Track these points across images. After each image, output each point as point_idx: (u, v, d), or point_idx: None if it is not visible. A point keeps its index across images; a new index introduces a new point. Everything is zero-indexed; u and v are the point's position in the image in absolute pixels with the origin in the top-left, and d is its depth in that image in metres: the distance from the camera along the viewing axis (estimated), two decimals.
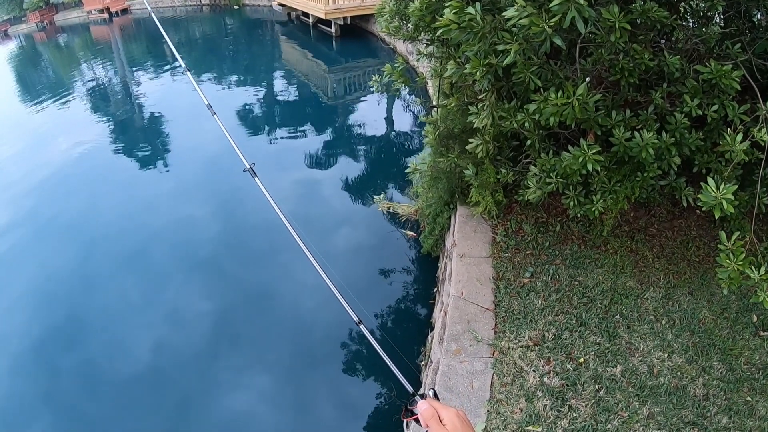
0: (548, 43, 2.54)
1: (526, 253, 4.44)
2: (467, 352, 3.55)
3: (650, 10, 3.04)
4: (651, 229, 4.72)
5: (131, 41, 20.33)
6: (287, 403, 4.69)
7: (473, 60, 2.91)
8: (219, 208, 7.66)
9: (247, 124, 10.99)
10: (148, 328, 5.46)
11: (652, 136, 3.11)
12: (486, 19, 2.68)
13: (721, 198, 2.44)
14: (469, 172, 4.23)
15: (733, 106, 3.16)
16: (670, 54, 3.28)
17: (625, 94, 3.41)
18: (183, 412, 4.56)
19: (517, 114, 3.39)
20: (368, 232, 6.94)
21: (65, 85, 15.03)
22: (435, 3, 3.11)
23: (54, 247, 6.98)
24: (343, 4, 14.97)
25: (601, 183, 3.54)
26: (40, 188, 8.65)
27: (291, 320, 5.49)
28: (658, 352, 3.50)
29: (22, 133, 11.29)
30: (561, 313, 3.80)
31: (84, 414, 4.62)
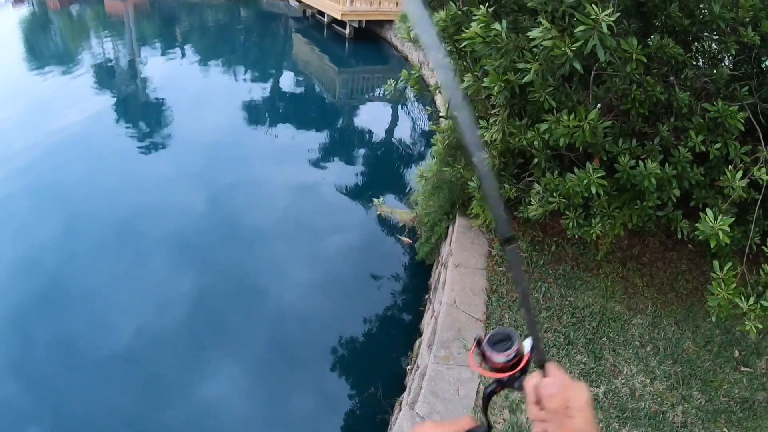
0: (568, 66, 2.63)
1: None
2: (456, 360, 3.61)
3: (666, 46, 3.15)
4: (643, 258, 4.82)
5: (144, 20, 20.27)
6: (264, 393, 4.67)
7: (492, 74, 3.00)
8: (214, 195, 7.60)
9: (250, 116, 10.97)
10: (130, 306, 5.39)
11: (655, 166, 3.21)
12: (510, 37, 2.77)
13: (718, 228, 2.54)
14: (474, 184, 4.32)
15: (735, 145, 3.27)
16: (680, 90, 3.39)
17: (634, 124, 3.51)
18: (157, 393, 4.52)
19: (527, 132, 3.48)
20: (363, 234, 6.99)
21: (73, 55, 14.96)
22: (460, 16, 3.20)
23: (42, 215, 6.87)
24: (360, 7, 15.06)
25: (601, 207, 3.64)
26: (36, 156, 8.51)
27: (276, 313, 5.47)
28: (640, 377, 3.58)
29: (25, 100, 11.19)
30: (550, 331, 3.88)
31: (56, 386, 4.55)
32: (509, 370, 0.85)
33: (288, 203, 7.65)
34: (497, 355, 0.85)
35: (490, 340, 0.86)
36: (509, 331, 0.87)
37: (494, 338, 0.87)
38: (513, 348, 0.84)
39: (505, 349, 0.84)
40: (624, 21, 3.20)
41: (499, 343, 0.86)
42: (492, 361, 0.86)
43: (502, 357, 0.84)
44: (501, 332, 0.87)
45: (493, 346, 0.86)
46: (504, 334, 0.87)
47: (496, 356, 0.85)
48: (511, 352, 0.84)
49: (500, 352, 0.85)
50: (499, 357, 0.84)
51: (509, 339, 0.86)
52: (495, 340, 0.86)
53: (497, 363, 0.85)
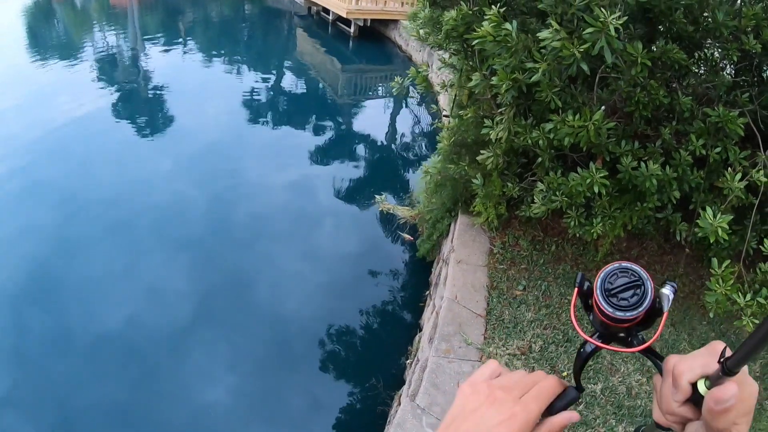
0: (575, 67, 2.70)
1: (520, 267, 4.59)
2: (456, 353, 3.68)
3: (670, 51, 3.23)
4: (641, 261, 4.89)
5: (148, 13, 20.28)
6: (265, 386, 4.71)
7: (501, 73, 3.07)
8: (213, 190, 7.62)
9: (252, 112, 10.99)
10: (125, 298, 5.39)
11: (656, 168, 3.29)
12: (520, 37, 2.84)
13: (717, 225, 2.62)
14: (477, 182, 4.38)
15: (735, 150, 3.35)
16: (683, 94, 3.46)
17: (637, 126, 3.59)
18: (148, 385, 4.52)
19: (532, 131, 3.55)
20: (365, 231, 7.05)
21: (76, 46, 14.97)
22: (471, 15, 3.26)
23: (39, 204, 6.87)
24: (366, 6, 15.13)
25: (603, 207, 3.71)
26: (34, 145, 8.51)
27: (277, 308, 5.53)
28: (637, 375, 3.65)
29: (26, 90, 11.15)
30: (549, 328, 3.95)
31: (48, 374, 4.56)
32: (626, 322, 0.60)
33: (289, 199, 7.69)
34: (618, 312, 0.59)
35: (605, 287, 0.61)
36: (633, 267, 0.61)
37: (612, 282, 0.61)
38: (646, 300, 0.59)
39: (633, 303, 0.59)
40: (630, 26, 3.27)
41: (623, 291, 0.60)
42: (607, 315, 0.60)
43: (628, 314, 0.59)
44: (622, 270, 0.61)
45: (609, 297, 0.60)
46: (629, 275, 0.61)
47: (617, 313, 0.59)
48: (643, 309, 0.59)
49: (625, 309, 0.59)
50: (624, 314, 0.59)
51: (638, 284, 0.60)
52: (614, 287, 0.60)
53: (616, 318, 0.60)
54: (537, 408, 0.59)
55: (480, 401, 0.60)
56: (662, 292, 0.60)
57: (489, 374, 0.64)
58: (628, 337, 0.64)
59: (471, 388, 0.62)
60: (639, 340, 0.64)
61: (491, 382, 0.62)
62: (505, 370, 0.66)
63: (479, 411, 0.58)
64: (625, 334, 0.64)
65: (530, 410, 0.58)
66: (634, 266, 0.61)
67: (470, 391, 0.62)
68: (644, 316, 0.60)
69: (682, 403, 0.59)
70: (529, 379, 0.63)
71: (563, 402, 0.63)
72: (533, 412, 0.59)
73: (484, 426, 0.57)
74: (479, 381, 0.63)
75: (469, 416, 0.58)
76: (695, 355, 0.60)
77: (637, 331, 0.64)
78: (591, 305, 0.64)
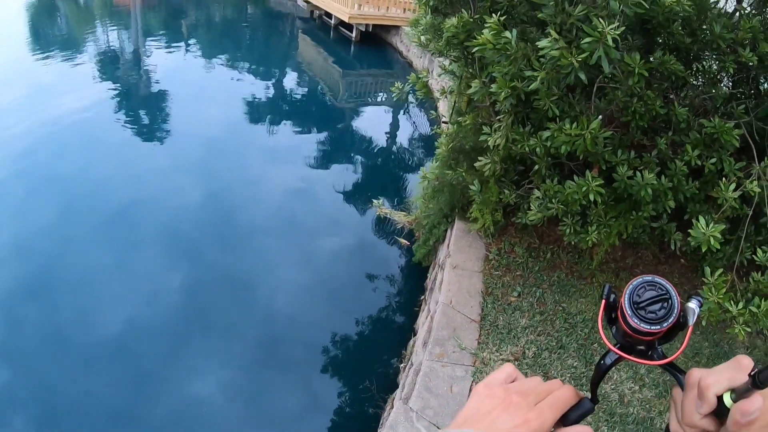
0: (573, 76, 2.73)
1: (515, 273, 4.62)
2: (450, 358, 3.70)
3: (668, 62, 3.26)
4: (636, 270, 4.93)
5: (151, 12, 20.33)
6: (258, 388, 4.71)
7: (500, 80, 3.10)
8: (211, 191, 7.63)
9: (252, 113, 11.02)
10: (120, 296, 5.39)
11: (652, 177, 3.32)
12: (519, 45, 2.88)
13: (710, 235, 2.65)
14: (474, 189, 4.41)
15: (730, 161, 3.38)
16: (679, 105, 3.50)
17: (633, 136, 3.62)
18: (142, 385, 4.51)
19: (529, 139, 3.58)
20: (362, 235, 7.07)
21: (78, 43, 14.99)
22: (471, 23, 3.30)
23: (36, 200, 6.87)
24: (368, 11, 15.20)
25: (598, 216, 3.74)
26: (33, 140, 8.52)
27: (272, 310, 5.53)
28: (629, 383, 3.68)
29: (26, 85, 11.16)
30: (543, 334, 3.98)
31: (41, 372, 4.55)
32: (650, 335, 0.61)
33: (287, 201, 7.71)
34: (644, 325, 0.60)
35: (634, 300, 0.61)
36: (661, 281, 0.62)
37: (641, 295, 0.62)
38: (673, 314, 0.60)
39: (661, 317, 0.60)
40: (629, 36, 3.31)
41: (651, 305, 0.61)
42: (633, 328, 0.61)
43: (654, 327, 0.60)
44: (649, 284, 0.62)
45: (637, 310, 0.61)
46: (656, 289, 0.61)
47: (644, 326, 0.60)
48: (670, 322, 0.60)
49: (652, 322, 0.60)
50: (651, 327, 0.60)
51: (665, 298, 0.61)
52: (642, 300, 0.61)
53: (642, 331, 0.61)
54: (551, 416, 0.60)
55: (494, 404, 0.60)
56: (688, 306, 0.61)
57: (504, 378, 0.65)
58: (649, 350, 0.65)
59: (487, 390, 0.62)
60: (659, 354, 0.65)
61: (507, 386, 0.62)
62: (521, 376, 0.66)
63: (493, 413, 0.59)
64: (646, 347, 0.65)
65: (545, 418, 0.59)
66: (662, 280, 0.62)
67: (486, 393, 0.62)
68: (668, 329, 0.61)
69: (705, 415, 0.59)
70: (545, 386, 0.63)
71: (577, 413, 0.63)
72: (547, 420, 0.59)
73: (497, 429, 0.57)
74: (495, 384, 0.63)
75: (483, 418, 0.59)
76: (721, 369, 0.60)
77: (659, 344, 0.65)
78: (615, 318, 0.65)
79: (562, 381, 0.66)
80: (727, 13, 3.81)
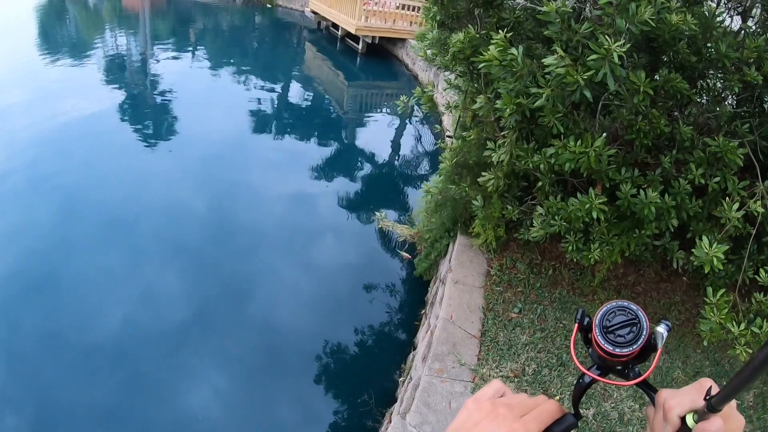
0: (578, 93, 2.73)
1: (517, 290, 4.60)
2: (449, 373, 3.67)
3: (673, 80, 3.26)
4: (638, 288, 4.90)
5: (159, 18, 20.50)
6: (255, 399, 4.66)
7: (505, 97, 3.10)
8: (213, 198, 7.64)
9: (256, 122, 11.06)
10: (119, 300, 5.38)
11: (655, 195, 3.31)
12: (525, 62, 2.89)
13: (713, 255, 2.63)
14: (477, 204, 4.41)
15: (733, 180, 3.37)
16: (684, 124, 3.50)
17: (637, 154, 3.62)
18: (138, 390, 4.49)
19: (534, 155, 3.58)
20: (363, 247, 7.05)
21: (86, 46, 15.11)
22: (478, 39, 3.31)
23: (39, 202, 6.89)
24: (375, 24, 15.30)
25: (601, 233, 3.73)
26: (39, 142, 8.58)
27: (271, 321, 5.49)
28: (629, 402, 3.64)
29: (34, 85, 11.23)
30: (543, 351, 3.95)
31: (37, 373, 4.54)
32: (622, 357, 0.65)
33: (289, 211, 7.70)
34: (615, 348, 0.64)
35: (604, 324, 0.65)
36: (631, 307, 0.65)
37: (611, 319, 0.65)
38: (642, 337, 0.64)
39: (629, 340, 0.64)
40: (634, 54, 3.32)
41: (620, 329, 0.64)
42: (604, 351, 0.65)
43: (624, 350, 0.64)
44: (620, 308, 0.66)
45: (607, 334, 0.64)
46: (626, 313, 0.65)
47: (614, 349, 0.64)
48: (638, 345, 0.64)
49: (621, 345, 0.64)
50: (620, 350, 0.64)
51: (635, 322, 0.64)
52: (612, 324, 0.65)
53: (613, 354, 0.64)
54: (536, 428, 0.62)
55: (482, 416, 0.62)
56: (657, 330, 0.65)
57: (493, 393, 0.68)
58: (625, 369, 0.69)
59: (475, 404, 0.65)
60: (635, 373, 0.68)
61: (495, 400, 0.65)
62: (509, 391, 0.68)
63: (480, 425, 0.61)
64: (622, 367, 0.69)
65: (529, 429, 0.61)
66: (632, 305, 0.65)
67: (474, 407, 0.64)
68: (639, 351, 0.65)
69: None
70: (532, 401, 0.66)
71: (561, 427, 0.65)
72: (532, 431, 0.61)
73: None
74: (484, 399, 0.66)
75: (470, 429, 0.61)
76: (685, 391, 0.64)
77: (633, 365, 0.68)
78: (591, 339, 0.68)
79: (556, 399, 0.67)
80: (733, 31, 3.82)
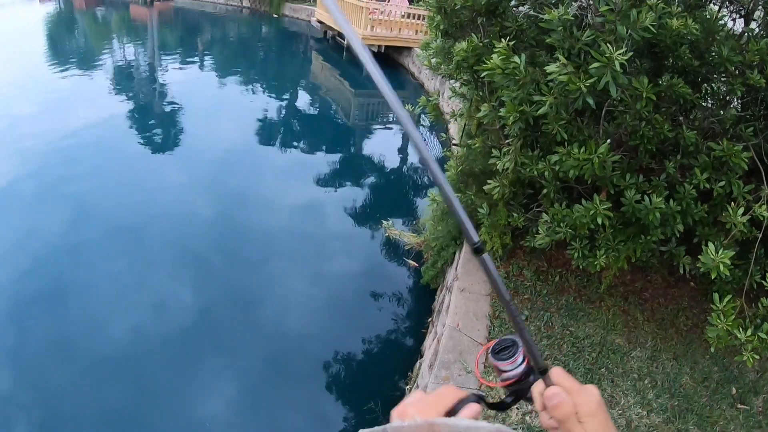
0: (581, 101, 2.75)
1: (523, 297, 4.59)
2: (455, 381, 3.67)
3: (676, 85, 3.27)
4: (645, 294, 4.88)
5: (167, 28, 20.74)
6: (262, 407, 4.70)
7: (508, 105, 3.13)
8: (221, 207, 7.71)
9: (263, 132, 11.15)
10: (129, 309, 5.44)
11: (660, 201, 3.31)
12: (528, 70, 2.91)
13: (719, 261, 2.63)
14: (483, 212, 4.42)
15: (738, 184, 3.37)
16: (688, 128, 3.50)
17: (641, 160, 3.62)
18: (149, 398, 4.54)
19: (538, 163, 3.60)
20: (370, 255, 7.06)
21: (95, 56, 15.32)
22: (481, 47, 3.34)
23: (48, 211, 7.01)
24: (381, 33, 15.40)
25: (606, 240, 3.73)
26: (48, 151, 8.77)
27: (279, 329, 5.52)
28: (637, 408, 3.63)
29: (44, 96, 11.42)
30: (550, 358, 3.94)
31: (48, 381, 4.60)
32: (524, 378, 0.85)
33: (296, 220, 7.74)
34: (502, 364, 0.85)
35: (494, 349, 0.87)
36: (514, 337, 0.86)
37: (498, 346, 0.87)
38: (517, 354, 0.85)
39: (509, 356, 0.85)
40: (636, 60, 3.34)
41: (503, 351, 0.86)
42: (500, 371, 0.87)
43: (507, 365, 0.85)
44: (506, 339, 0.87)
45: (497, 354, 0.86)
46: (509, 341, 0.87)
47: (501, 365, 0.85)
48: (515, 359, 0.84)
49: (504, 360, 0.85)
50: (505, 365, 0.85)
51: (513, 345, 0.86)
52: (499, 348, 0.87)
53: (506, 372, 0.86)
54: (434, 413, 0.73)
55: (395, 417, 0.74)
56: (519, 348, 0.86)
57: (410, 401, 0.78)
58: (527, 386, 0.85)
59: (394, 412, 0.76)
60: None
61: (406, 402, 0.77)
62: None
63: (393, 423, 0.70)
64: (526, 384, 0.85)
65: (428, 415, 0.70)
66: (512, 336, 0.86)
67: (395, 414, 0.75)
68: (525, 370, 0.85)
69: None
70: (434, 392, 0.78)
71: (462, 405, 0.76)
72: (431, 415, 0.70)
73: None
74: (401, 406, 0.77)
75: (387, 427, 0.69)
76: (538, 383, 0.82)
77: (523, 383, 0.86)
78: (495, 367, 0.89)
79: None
80: (735, 34, 3.81)
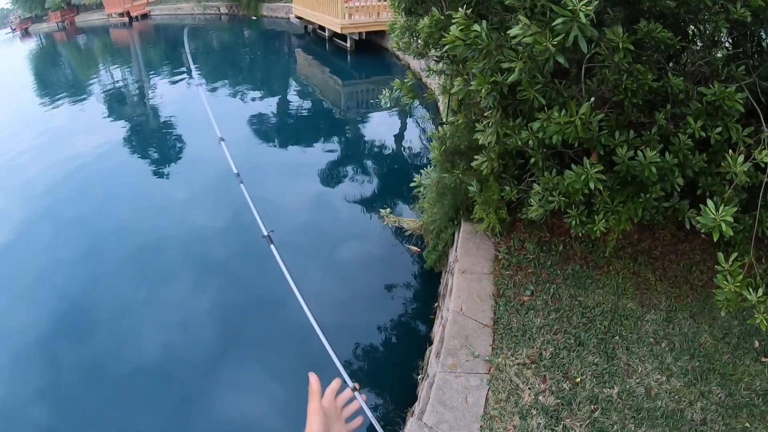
0: (552, 61, 2.57)
1: (527, 271, 4.44)
2: (463, 367, 3.54)
3: (654, 31, 3.06)
4: (654, 252, 4.70)
5: (150, 46, 20.66)
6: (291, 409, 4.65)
7: (479, 77, 2.95)
8: (228, 211, 7.73)
9: (258, 133, 11.10)
10: (153, 326, 5.52)
11: (654, 155, 3.11)
12: (491, 37, 2.72)
13: (720, 220, 2.44)
14: (474, 189, 4.25)
15: (736, 128, 3.16)
16: (674, 75, 3.29)
17: (629, 115, 3.42)
18: (184, 411, 4.56)
19: (521, 132, 3.42)
20: (372, 245, 6.95)
21: (83, 85, 15.32)
22: (444, 20, 3.15)
23: (65, 241, 7.18)
24: (359, 20, 15.13)
25: (604, 203, 3.54)
26: (55, 184, 8.96)
27: (290, 323, 5.45)
28: (656, 374, 3.47)
29: (39, 131, 11.53)
30: (560, 332, 3.79)
31: (84, 407, 4.64)
32: None
33: (297, 215, 7.71)
34: None
35: None
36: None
37: None
38: None
39: None
40: (609, 10, 3.14)
41: None
42: None
43: None
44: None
45: None
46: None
47: None
48: None
49: None
50: None
51: None
52: None
53: None
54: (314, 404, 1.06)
55: None
56: None
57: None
58: None
59: None
60: None
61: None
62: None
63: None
64: None
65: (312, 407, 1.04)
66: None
67: None
68: None
69: None
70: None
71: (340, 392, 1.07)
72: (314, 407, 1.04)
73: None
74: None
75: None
76: None
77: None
78: None
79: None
80: None
